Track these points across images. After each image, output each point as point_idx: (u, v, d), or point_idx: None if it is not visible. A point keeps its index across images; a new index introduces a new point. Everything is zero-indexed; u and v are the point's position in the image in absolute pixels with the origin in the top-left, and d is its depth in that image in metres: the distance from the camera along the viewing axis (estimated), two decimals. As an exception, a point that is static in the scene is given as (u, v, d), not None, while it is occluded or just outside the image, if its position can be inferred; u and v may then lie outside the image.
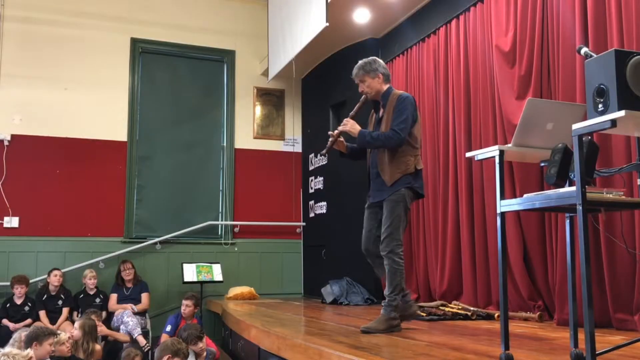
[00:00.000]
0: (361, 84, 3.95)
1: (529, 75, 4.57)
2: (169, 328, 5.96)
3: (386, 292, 3.71)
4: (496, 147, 2.56)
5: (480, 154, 2.66)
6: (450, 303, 5.21)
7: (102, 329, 5.93)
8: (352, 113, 4.00)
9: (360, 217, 6.85)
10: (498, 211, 2.50)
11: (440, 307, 5.02)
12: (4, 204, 7.05)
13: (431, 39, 6.02)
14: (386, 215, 3.74)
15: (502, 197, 2.50)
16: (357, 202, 6.95)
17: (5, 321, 6.25)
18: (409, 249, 6.17)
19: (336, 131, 3.97)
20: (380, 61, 3.99)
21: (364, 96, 3.98)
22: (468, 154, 2.94)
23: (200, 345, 4.97)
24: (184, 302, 6.20)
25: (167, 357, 4.15)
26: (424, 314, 4.73)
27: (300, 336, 3.71)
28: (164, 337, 5.51)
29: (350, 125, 3.90)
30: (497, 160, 2.53)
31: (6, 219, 7.07)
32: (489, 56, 5.06)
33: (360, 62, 3.98)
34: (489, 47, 5.08)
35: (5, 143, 7.16)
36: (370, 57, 4.07)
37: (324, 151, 4.04)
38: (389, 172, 3.77)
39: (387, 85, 3.96)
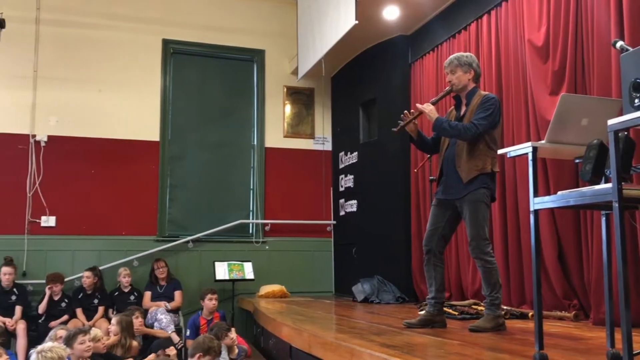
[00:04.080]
0: (451, 74, 3.87)
1: (563, 70, 4.48)
2: (188, 333, 6.01)
3: (485, 292, 3.68)
4: (529, 143, 2.52)
5: (513, 150, 2.62)
6: (482, 302, 5.15)
7: (141, 329, 6.00)
8: (433, 100, 3.96)
9: (391, 215, 6.88)
10: (531, 209, 2.46)
11: (473, 306, 4.96)
12: (41, 203, 7.22)
13: (462, 35, 5.96)
14: (469, 217, 3.69)
15: (536, 195, 2.46)
16: (388, 200, 6.95)
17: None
18: (440, 247, 6.11)
19: (413, 110, 3.92)
20: (476, 59, 3.93)
21: (448, 87, 3.92)
22: (500, 151, 2.91)
23: (231, 336, 5.00)
24: (211, 296, 6.18)
25: (198, 355, 4.20)
26: (456, 313, 4.69)
27: (332, 334, 3.72)
28: (188, 343, 5.54)
29: (429, 109, 3.83)
30: (530, 157, 2.49)
31: (43, 218, 7.24)
32: (522, 51, 4.98)
33: (457, 53, 3.94)
34: (521, 42, 5.00)
35: (42, 144, 7.33)
36: (468, 52, 4.06)
37: (395, 129, 3.98)
38: (467, 169, 3.71)
39: (475, 85, 3.90)
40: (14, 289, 6.58)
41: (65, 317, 6.51)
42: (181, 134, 8.04)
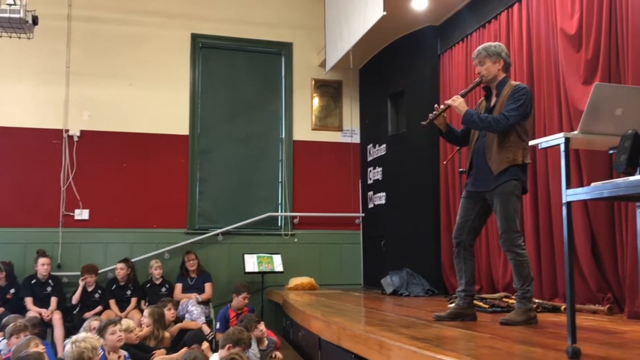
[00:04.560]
0: (479, 65, 3.82)
1: (596, 59, 4.38)
2: (218, 325, 6.07)
3: (517, 285, 3.65)
4: (562, 134, 2.47)
5: (545, 142, 2.58)
6: (513, 295, 5.09)
7: (173, 324, 6.09)
8: (462, 92, 3.91)
9: (420, 208, 6.84)
10: (564, 201, 2.42)
11: (504, 299, 4.92)
12: (74, 197, 7.37)
13: (492, 25, 5.87)
14: (500, 210, 3.64)
15: (568, 186, 2.41)
16: (417, 193, 6.91)
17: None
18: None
19: (442, 105, 3.89)
20: (505, 49, 3.86)
21: (478, 79, 3.86)
22: (532, 142, 2.87)
23: (261, 328, 5.04)
24: (246, 295, 6.22)
25: (228, 346, 4.24)
26: (487, 306, 4.65)
27: (361, 327, 3.72)
28: (218, 336, 5.58)
29: (458, 102, 3.78)
30: (562, 148, 2.45)
31: (77, 211, 7.39)
32: (553, 40, 4.89)
33: (485, 43, 3.89)
34: (553, 31, 4.91)
35: (75, 139, 7.47)
36: (496, 42, 3.98)
37: (424, 122, 3.95)
38: (497, 160, 3.66)
39: (505, 75, 3.83)
40: (50, 281, 6.74)
41: (99, 308, 6.65)
42: (210, 128, 8.11)
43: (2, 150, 7.25)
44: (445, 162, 6.38)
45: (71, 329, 6.11)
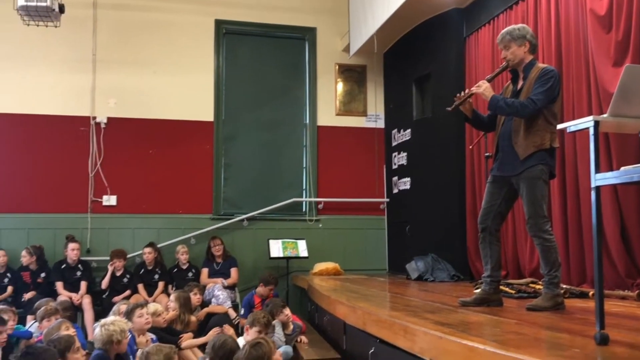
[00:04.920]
0: (505, 50, 3.76)
1: (627, 40, 4.27)
2: (243, 311, 6.12)
3: (544, 271, 3.61)
4: (591, 117, 2.42)
5: (573, 125, 2.53)
6: (540, 280, 5.04)
7: (199, 309, 6.17)
8: (488, 77, 3.85)
9: (445, 192, 6.79)
10: (592, 185, 2.38)
11: (531, 285, 4.86)
12: (102, 183, 7.48)
13: (519, 6, 5.76)
14: (527, 195, 3.59)
15: (597, 170, 2.37)
16: (442, 178, 6.87)
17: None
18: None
19: (467, 91, 3.84)
20: (530, 30, 3.79)
21: (504, 63, 3.80)
22: (560, 126, 2.81)
23: (286, 313, 5.08)
24: (272, 287, 6.27)
25: (253, 330, 4.29)
26: (513, 292, 4.61)
27: (386, 312, 3.72)
28: (242, 321, 5.63)
29: (483, 88, 3.73)
30: (591, 131, 2.40)
31: (105, 197, 7.50)
32: (583, 21, 4.78)
33: (508, 27, 3.82)
34: (582, 12, 4.79)
35: (102, 126, 7.56)
36: (520, 24, 3.90)
37: (449, 108, 3.91)
38: (524, 145, 3.60)
39: (532, 57, 3.76)
40: (79, 265, 6.89)
41: (128, 292, 6.77)
42: (234, 114, 8.14)
43: (32, 138, 7.39)
44: (471, 147, 6.31)
45: (100, 312, 6.24)
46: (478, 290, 4.12)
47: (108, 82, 7.63)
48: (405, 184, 7.74)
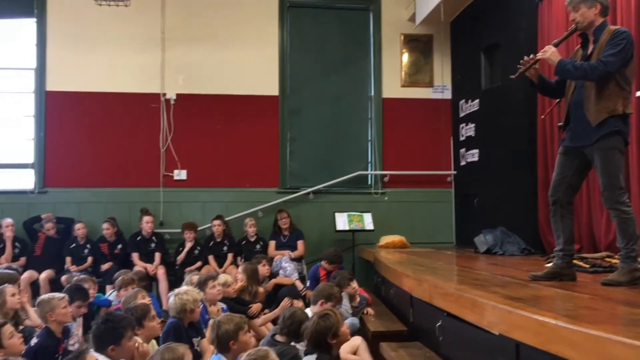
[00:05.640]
0: (574, 12, 3.58)
1: None
2: (308, 284, 6.19)
3: (621, 244, 3.49)
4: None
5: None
6: (616, 254, 4.84)
7: (267, 280, 6.30)
8: (556, 41, 3.71)
9: (515, 164, 6.59)
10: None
11: (606, 259, 4.68)
12: (173, 158, 7.71)
13: (596, -33, 5.43)
14: (602, 166, 3.45)
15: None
16: (512, 149, 6.67)
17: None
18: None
19: (532, 56, 3.70)
20: None
21: (573, 26, 3.63)
22: (639, 93, 2.66)
23: (353, 285, 5.12)
24: (335, 266, 6.26)
25: (321, 302, 4.34)
26: (587, 266, 4.45)
27: (453, 285, 3.68)
28: (308, 294, 5.68)
29: (550, 52, 3.58)
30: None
31: (176, 172, 7.73)
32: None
33: None
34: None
35: (172, 102, 7.77)
36: None
37: (513, 76, 3.79)
38: (595, 112, 3.45)
39: (603, 19, 3.57)
40: (153, 237, 7.16)
41: (199, 263, 7.00)
42: (299, 88, 8.16)
43: (108, 115, 7.68)
44: (543, 117, 6.07)
45: (174, 282, 6.48)
46: (550, 265, 4.01)
47: (176, 60, 7.80)
48: (473, 155, 7.57)
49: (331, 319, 3.41)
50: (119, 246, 7.12)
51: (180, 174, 7.74)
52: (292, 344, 3.65)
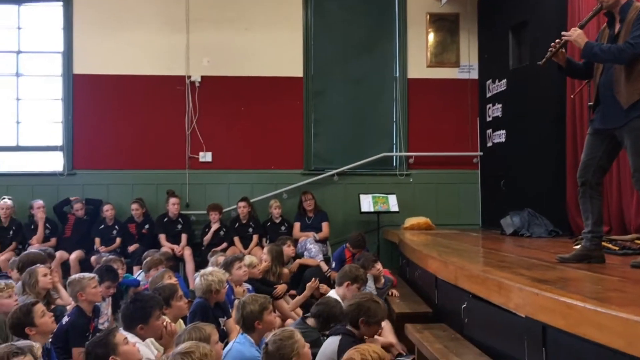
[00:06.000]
0: None
1: None
2: (334, 265, 6.20)
3: None
4: None
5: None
6: (647, 237, 4.75)
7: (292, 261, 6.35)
8: (581, 22, 3.63)
9: (543, 145, 6.49)
10: None
11: (636, 241, 4.60)
12: (198, 140, 7.75)
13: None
14: (632, 147, 3.37)
15: None
16: (540, 129, 6.57)
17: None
18: (599, 178, 5.67)
19: (558, 40, 3.62)
20: None
21: (598, 5, 3.55)
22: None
23: (378, 267, 5.13)
24: (358, 250, 6.25)
25: (346, 283, 4.36)
26: (617, 248, 4.38)
27: (479, 267, 3.66)
28: (333, 275, 5.68)
29: (576, 35, 3.50)
30: None
31: (201, 154, 7.79)
32: None
33: None
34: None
35: (197, 84, 7.79)
36: None
37: (540, 62, 3.72)
38: (625, 93, 3.37)
39: None
40: (180, 219, 7.25)
41: (224, 244, 7.07)
42: (324, 69, 8.11)
43: (134, 98, 7.75)
44: (572, 96, 5.95)
45: (200, 263, 6.56)
46: (578, 247, 3.95)
47: (201, 41, 7.81)
48: (500, 136, 7.47)
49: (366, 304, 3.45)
50: (147, 226, 7.23)
51: (206, 156, 7.79)
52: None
